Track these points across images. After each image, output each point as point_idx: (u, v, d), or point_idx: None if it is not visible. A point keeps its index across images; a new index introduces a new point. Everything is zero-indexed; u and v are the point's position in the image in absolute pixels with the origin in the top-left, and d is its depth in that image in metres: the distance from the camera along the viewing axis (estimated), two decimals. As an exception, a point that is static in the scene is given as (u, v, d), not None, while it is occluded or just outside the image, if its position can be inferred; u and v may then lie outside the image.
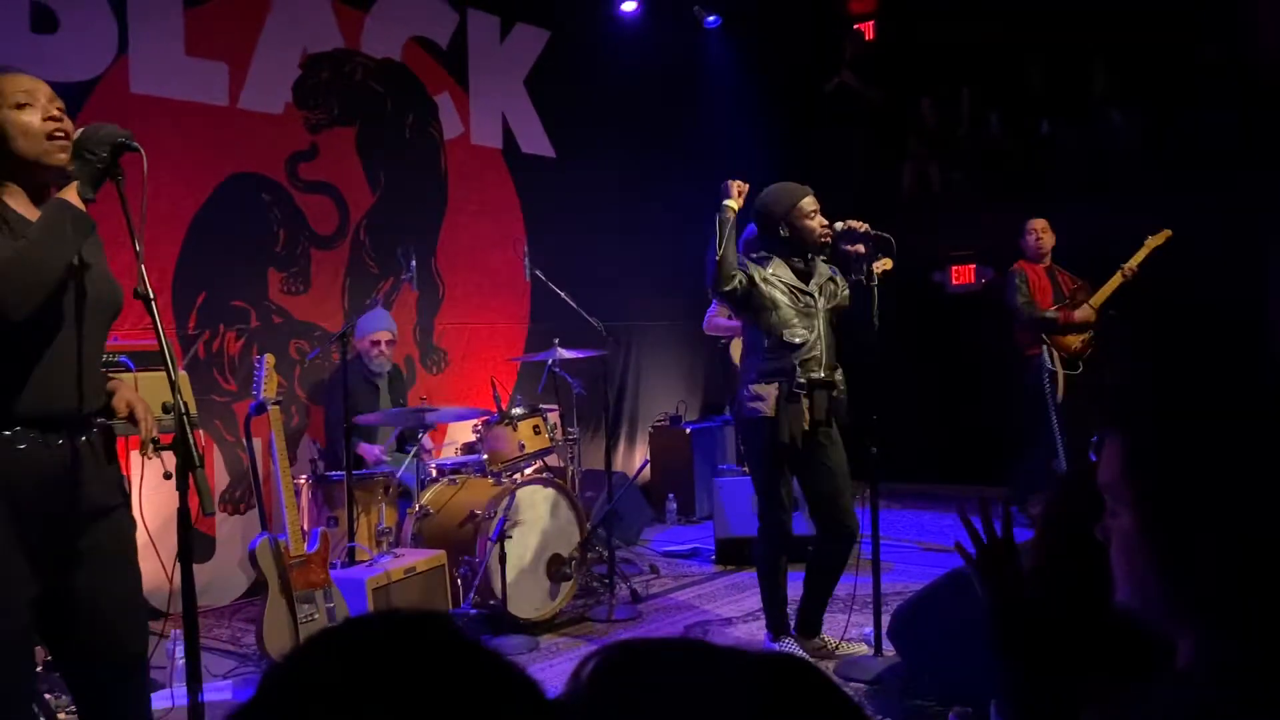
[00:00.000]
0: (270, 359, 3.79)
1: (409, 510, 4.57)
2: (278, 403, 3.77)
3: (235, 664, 4.08)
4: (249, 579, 4.99)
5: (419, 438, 4.68)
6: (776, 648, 3.88)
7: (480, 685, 0.66)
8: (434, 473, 4.80)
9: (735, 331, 5.04)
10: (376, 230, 5.89)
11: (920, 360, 7.21)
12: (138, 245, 2.14)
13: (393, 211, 5.97)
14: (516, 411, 4.76)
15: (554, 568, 4.54)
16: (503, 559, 4.19)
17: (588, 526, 4.76)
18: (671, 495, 6.78)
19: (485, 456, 4.72)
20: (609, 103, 7.08)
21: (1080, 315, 5.96)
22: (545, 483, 4.64)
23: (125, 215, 2.18)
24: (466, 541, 4.35)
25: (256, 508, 4.89)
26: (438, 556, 4.23)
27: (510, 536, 4.25)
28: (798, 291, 3.89)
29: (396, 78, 6.03)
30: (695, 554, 5.86)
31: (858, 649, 3.99)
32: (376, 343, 5.20)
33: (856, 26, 8.38)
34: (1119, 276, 5.96)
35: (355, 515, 4.41)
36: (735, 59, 7.83)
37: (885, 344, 3.87)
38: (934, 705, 3.35)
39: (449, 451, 5.66)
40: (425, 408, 4.63)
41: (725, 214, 3.80)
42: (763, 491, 3.98)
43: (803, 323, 3.87)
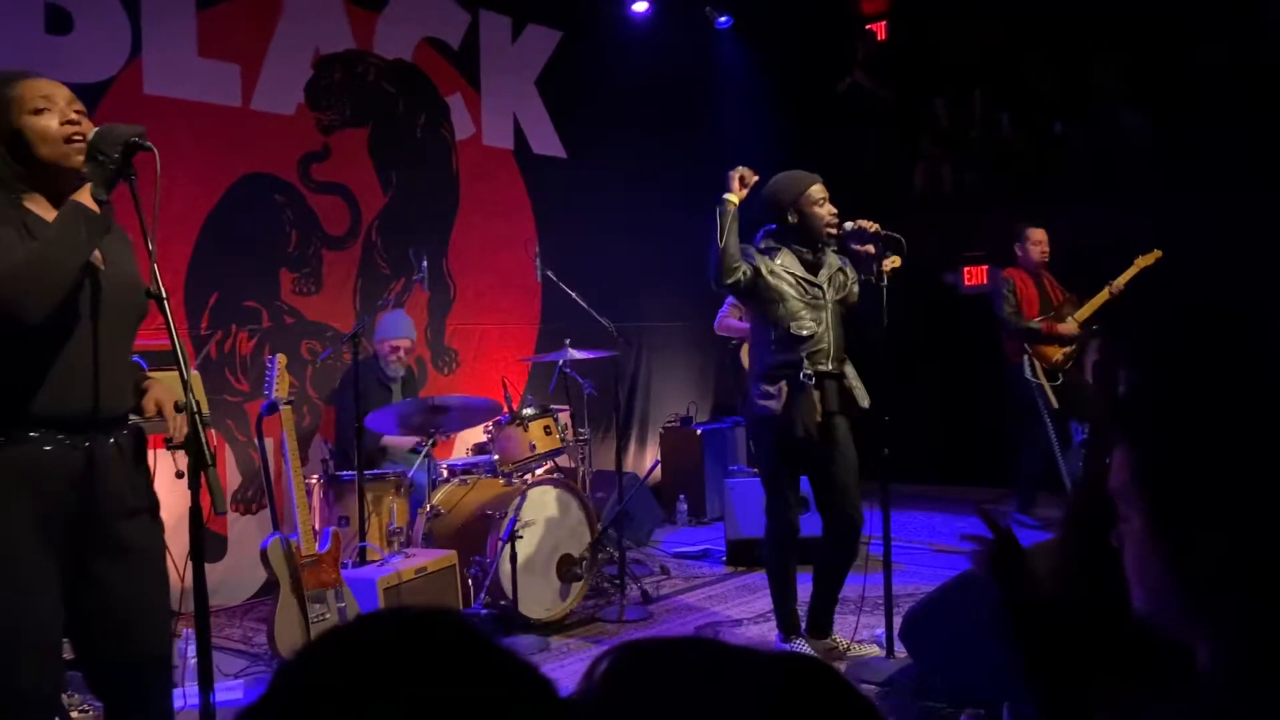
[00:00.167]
0: (282, 359, 3.79)
1: (420, 510, 4.58)
2: (289, 402, 3.77)
3: (246, 663, 4.09)
4: (260, 578, 5.00)
5: (431, 438, 4.68)
6: (788, 648, 3.87)
7: (493, 683, 0.66)
8: (445, 473, 4.80)
9: (746, 333, 5.03)
10: (388, 231, 5.90)
11: (932, 361, 7.19)
12: (150, 245, 2.15)
13: (404, 212, 5.98)
14: (527, 412, 4.76)
15: (565, 568, 4.54)
16: (513, 559, 4.19)
17: (598, 527, 4.76)
18: (682, 496, 6.77)
19: (496, 457, 4.72)
20: (620, 103, 7.08)
21: (1064, 328, 6.02)
22: (556, 483, 4.64)
23: (138, 215, 2.19)
24: (477, 541, 4.36)
25: (268, 507, 4.91)
26: (449, 556, 4.23)
27: (521, 537, 4.25)
28: (806, 283, 3.86)
29: (408, 78, 6.05)
30: (706, 555, 5.86)
31: (869, 650, 3.97)
32: (396, 348, 5.21)
33: (868, 27, 8.36)
34: (1105, 293, 6.02)
35: (366, 515, 4.41)
36: (747, 59, 7.82)
37: (896, 344, 3.85)
38: (946, 708, 3.33)
39: (460, 452, 5.67)
40: (437, 400, 4.61)
41: (725, 206, 3.77)
42: (770, 490, 3.97)
43: (810, 315, 3.84)
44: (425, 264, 4.78)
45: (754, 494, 5.20)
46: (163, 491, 2.42)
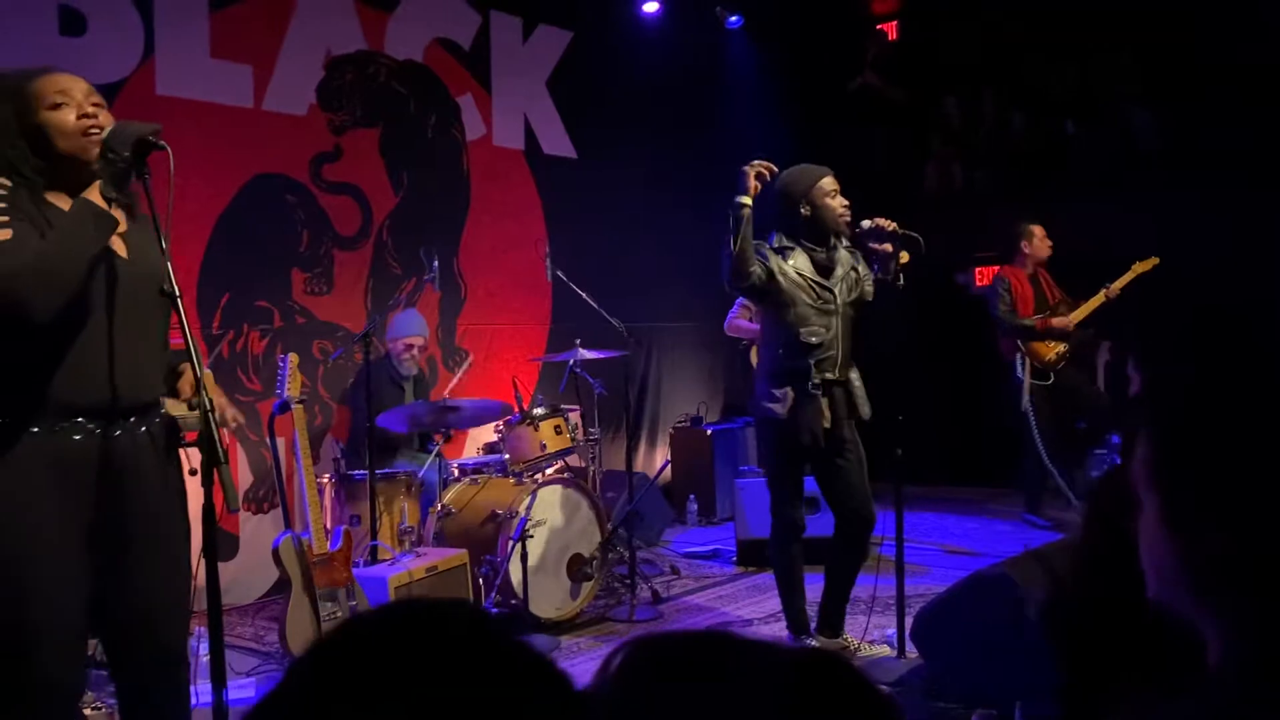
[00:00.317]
0: (294, 358, 3.80)
1: (431, 509, 4.59)
2: (301, 402, 3.78)
3: (258, 662, 4.10)
4: (272, 577, 5.01)
5: (442, 437, 4.69)
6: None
7: (508, 677, 0.66)
8: (456, 472, 4.81)
9: (756, 334, 5.03)
10: (399, 231, 5.92)
11: (943, 362, 7.17)
12: (164, 244, 2.16)
13: (415, 212, 6.00)
14: (538, 412, 4.77)
15: (575, 568, 4.54)
16: (524, 558, 4.20)
17: (609, 527, 4.76)
18: (692, 496, 6.77)
19: (507, 456, 4.72)
20: (631, 103, 7.08)
21: (1058, 322, 6.03)
22: (566, 483, 4.64)
23: (151, 214, 2.21)
24: (488, 541, 4.37)
25: (280, 506, 4.92)
26: (459, 555, 4.24)
27: (531, 536, 4.26)
28: (817, 286, 3.84)
29: (419, 79, 6.06)
30: (716, 555, 5.85)
31: (880, 650, 3.97)
32: (410, 346, 5.23)
33: (879, 26, 8.34)
34: (1101, 296, 6.04)
35: (378, 514, 4.42)
36: (757, 59, 7.81)
37: (908, 345, 3.84)
38: (957, 708, 3.32)
39: (471, 451, 5.67)
40: (448, 403, 4.63)
41: (740, 211, 3.68)
42: (774, 489, 3.99)
43: (820, 320, 3.83)
44: (436, 264, 4.79)
45: (764, 494, 5.16)
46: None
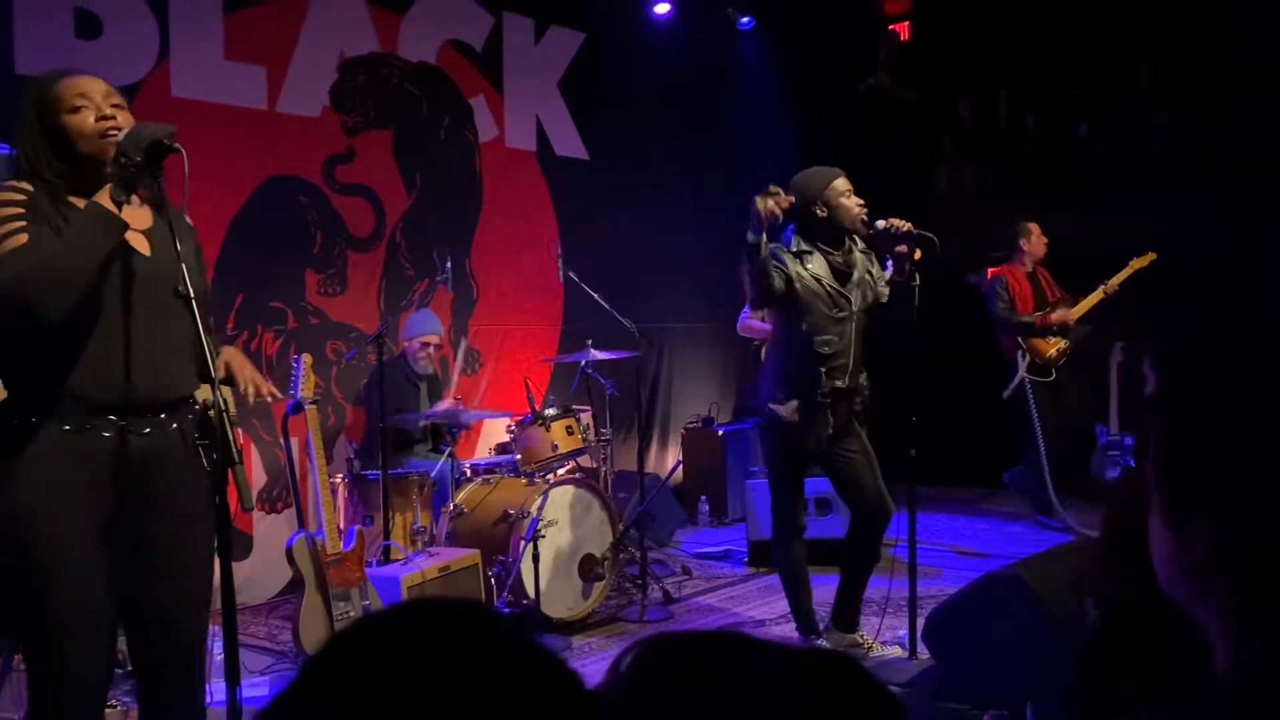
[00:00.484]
0: (308, 359, 3.82)
1: (444, 509, 4.60)
2: (315, 402, 3.80)
3: (272, 661, 4.12)
4: (286, 576, 5.03)
5: (453, 436, 4.71)
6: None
7: (519, 674, 0.66)
8: (468, 472, 4.83)
9: (768, 334, 5.02)
10: (412, 232, 5.93)
11: (954, 362, 7.15)
12: (179, 245, 2.18)
13: (428, 213, 6.01)
14: (550, 412, 4.78)
15: (587, 568, 4.55)
16: (536, 558, 4.21)
17: (620, 527, 4.77)
18: (704, 497, 6.77)
19: (518, 456, 4.73)
20: (643, 104, 7.08)
21: (1058, 316, 6.06)
22: (578, 483, 4.65)
23: (162, 215, 2.23)
24: (500, 541, 4.38)
25: (293, 506, 4.94)
26: (472, 555, 4.25)
27: (543, 536, 4.27)
28: (834, 293, 3.83)
29: (432, 81, 6.08)
30: (728, 556, 5.85)
31: (892, 651, 3.97)
32: (426, 345, 5.26)
33: (891, 27, 8.32)
34: (1100, 292, 6.08)
35: (391, 514, 4.44)
36: (768, 60, 7.81)
37: (921, 345, 3.83)
38: (968, 709, 3.32)
39: (483, 451, 5.69)
40: (464, 414, 4.66)
41: (751, 249, 3.60)
42: (775, 489, 4.00)
43: (834, 329, 3.82)
44: (449, 265, 4.81)
45: (775, 495, 5.20)
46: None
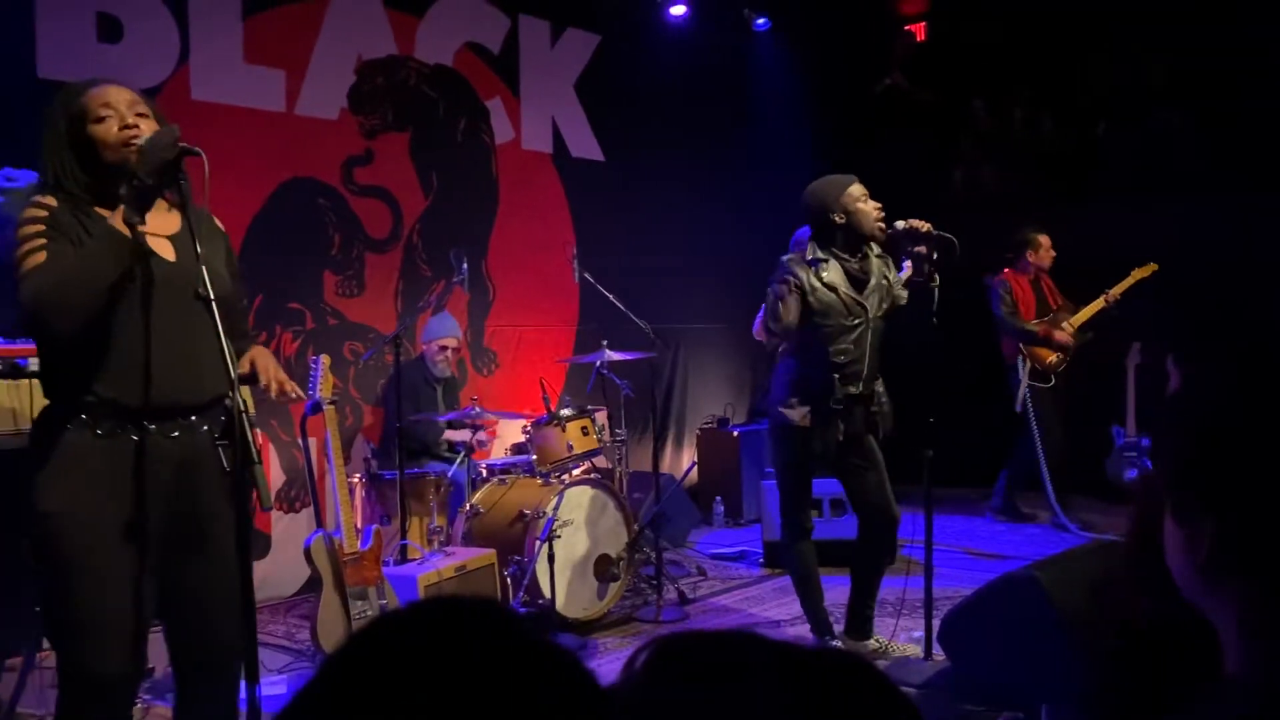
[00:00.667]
0: (326, 360, 3.84)
1: (460, 509, 4.63)
2: (333, 403, 3.82)
3: (290, 659, 4.15)
4: (304, 575, 5.06)
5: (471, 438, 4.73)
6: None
7: (534, 673, 0.67)
8: (484, 473, 4.85)
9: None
10: (429, 233, 5.97)
11: (969, 363, 7.13)
12: (199, 248, 2.20)
13: (445, 215, 6.04)
14: (565, 413, 4.79)
15: (602, 568, 4.56)
16: (551, 559, 4.23)
17: (635, 528, 4.78)
18: (719, 498, 6.77)
19: (534, 457, 4.75)
20: (658, 106, 7.09)
21: (1059, 336, 6.12)
22: (593, 484, 4.67)
23: (185, 219, 2.25)
24: (516, 541, 4.40)
25: (311, 505, 4.98)
26: (488, 555, 4.27)
27: (559, 536, 4.28)
28: (851, 301, 3.81)
29: (449, 83, 6.10)
30: (743, 556, 5.86)
31: (908, 651, 3.96)
32: (445, 348, 5.29)
33: (908, 27, 8.30)
34: (1101, 301, 6.12)
35: (408, 514, 4.47)
36: (784, 61, 7.81)
37: (938, 347, 3.82)
38: (984, 710, 3.32)
39: (499, 452, 5.71)
40: (481, 416, 4.68)
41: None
42: (784, 492, 4.01)
43: (850, 337, 3.81)
44: (465, 266, 4.82)
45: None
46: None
